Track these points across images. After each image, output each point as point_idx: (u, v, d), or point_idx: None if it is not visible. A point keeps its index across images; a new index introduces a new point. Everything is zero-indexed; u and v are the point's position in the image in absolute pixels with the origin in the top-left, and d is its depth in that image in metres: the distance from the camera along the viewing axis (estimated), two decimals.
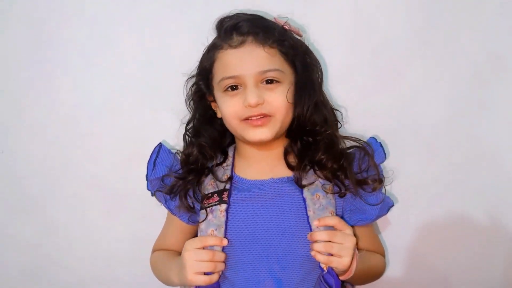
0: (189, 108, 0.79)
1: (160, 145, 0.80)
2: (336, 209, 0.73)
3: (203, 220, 0.73)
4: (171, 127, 0.82)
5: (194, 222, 0.77)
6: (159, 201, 0.78)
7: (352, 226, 0.73)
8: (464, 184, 0.84)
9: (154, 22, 0.81)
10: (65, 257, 0.93)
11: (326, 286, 0.69)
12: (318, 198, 0.72)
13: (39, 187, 0.89)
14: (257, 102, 0.67)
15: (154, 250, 0.84)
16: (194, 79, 0.77)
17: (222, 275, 0.74)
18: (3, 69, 0.84)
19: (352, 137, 0.77)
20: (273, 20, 0.73)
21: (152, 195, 0.79)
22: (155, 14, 0.81)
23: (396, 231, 0.86)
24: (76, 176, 0.89)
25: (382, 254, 0.83)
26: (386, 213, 0.77)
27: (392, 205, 0.77)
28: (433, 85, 0.81)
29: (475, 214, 0.85)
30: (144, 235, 0.87)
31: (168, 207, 0.78)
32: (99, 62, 0.84)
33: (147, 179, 0.79)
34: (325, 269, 0.67)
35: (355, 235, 0.73)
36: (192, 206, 0.75)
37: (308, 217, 0.71)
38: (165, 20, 0.81)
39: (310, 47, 0.76)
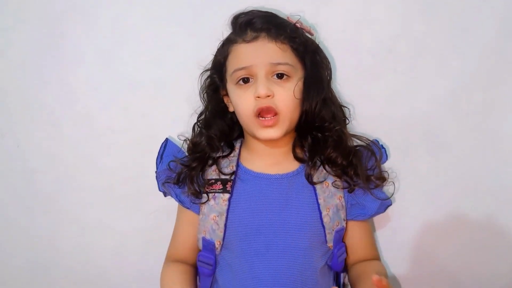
0: (202, 100, 0.80)
1: (166, 140, 0.82)
2: (344, 195, 0.76)
3: (205, 202, 0.75)
4: (187, 122, 0.83)
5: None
6: (171, 195, 0.80)
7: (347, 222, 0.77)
8: (471, 181, 0.84)
9: (167, 16, 0.82)
10: (76, 251, 0.93)
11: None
12: (327, 185, 0.75)
13: (53, 181, 0.90)
14: (266, 93, 0.68)
15: (168, 259, 0.83)
16: (208, 73, 0.79)
17: (227, 263, 0.76)
18: (20, 66, 0.85)
19: (359, 136, 0.78)
20: (286, 18, 0.74)
21: (165, 196, 0.81)
22: (168, 8, 0.82)
23: (403, 228, 0.87)
24: (89, 171, 0.90)
25: (377, 256, 0.84)
26: (384, 212, 0.79)
27: (390, 205, 0.79)
28: (441, 83, 0.81)
29: (482, 210, 0.84)
30: (154, 229, 0.88)
31: (179, 200, 0.79)
32: (113, 57, 0.84)
33: (156, 178, 0.80)
34: None
35: (351, 232, 0.78)
36: (198, 190, 0.76)
37: (318, 205, 0.73)
38: (179, 14, 0.82)
39: (320, 45, 0.77)
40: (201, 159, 0.77)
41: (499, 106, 0.82)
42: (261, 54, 0.70)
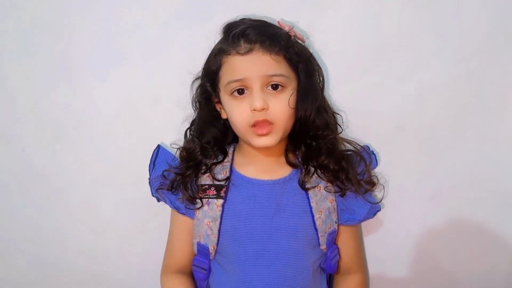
0: (194, 108, 0.81)
1: (158, 146, 0.82)
2: (335, 198, 0.77)
3: (199, 208, 0.76)
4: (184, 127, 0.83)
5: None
6: (165, 202, 0.80)
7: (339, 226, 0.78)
8: (467, 182, 0.84)
9: (163, 26, 0.83)
10: (82, 251, 0.95)
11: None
12: (320, 189, 0.76)
13: (57, 183, 0.92)
14: (262, 106, 0.68)
15: (166, 270, 0.84)
16: (200, 81, 0.78)
17: (221, 268, 0.78)
18: (25, 72, 0.87)
19: (350, 141, 0.79)
20: (277, 24, 0.74)
21: (158, 201, 0.81)
22: (164, 18, 0.82)
23: (400, 229, 0.87)
24: (93, 174, 0.91)
25: (361, 264, 0.85)
26: (372, 217, 0.80)
27: (379, 210, 0.80)
28: (433, 89, 0.81)
29: (480, 213, 0.85)
30: (158, 231, 0.89)
31: (174, 206, 0.79)
32: (117, 62, 0.85)
33: (149, 184, 0.81)
34: None
35: (338, 239, 0.79)
36: (192, 196, 0.76)
37: (311, 208, 0.74)
38: (174, 24, 0.82)
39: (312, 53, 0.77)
40: (194, 166, 0.78)
41: (494, 105, 0.81)
42: (255, 67, 0.69)
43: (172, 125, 0.85)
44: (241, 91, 0.71)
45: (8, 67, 0.87)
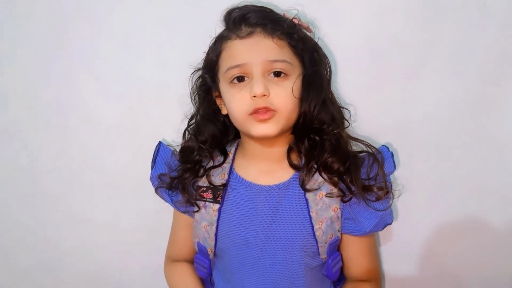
0: (193, 102, 0.77)
1: (159, 143, 0.80)
2: (340, 206, 0.70)
3: (197, 211, 0.74)
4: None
5: None
6: (165, 201, 0.78)
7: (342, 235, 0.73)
8: (474, 184, 0.81)
9: (168, 17, 0.80)
10: (81, 250, 0.95)
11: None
12: (321, 197, 0.69)
13: (59, 180, 0.91)
14: (263, 92, 0.63)
15: (168, 258, 0.84)
16: (199, 73, 0.75)
17: (219, 269, 0.76)
18: (26, 67, 0.86)
19: (363, 141, 0.73)
20: (282, 15, 0.70)
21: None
22: (165, 9, 0.80)
23: (407, 230, 0.84)
24: (95, 171, 0.90)
25: (376, 278, 0.77)
26: (381, 230, 0.72)
27: (390, 223, 0.72)
28: (445, 84, 0.77)
29: (486, 213, 0.82)
30: (159, 229, 0.88)
31: (175, 206, 0.78)
32: (118, 59, 0.84)
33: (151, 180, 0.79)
34: None
35: (345, 245, 0.73)
36: (190, 200, 0.74)
37: (310, 218, 0.69)
38: (173, 18, 0.80)
39: (319, 43, 0.72)
40: (192, 169, 0.74)
41: (502, 108, 0.77)
42: (256, 51, 0.65)
43: (173, 122, 0.82)
44: (241, 79, 0.66)
45: (10, 64, 0.87)
